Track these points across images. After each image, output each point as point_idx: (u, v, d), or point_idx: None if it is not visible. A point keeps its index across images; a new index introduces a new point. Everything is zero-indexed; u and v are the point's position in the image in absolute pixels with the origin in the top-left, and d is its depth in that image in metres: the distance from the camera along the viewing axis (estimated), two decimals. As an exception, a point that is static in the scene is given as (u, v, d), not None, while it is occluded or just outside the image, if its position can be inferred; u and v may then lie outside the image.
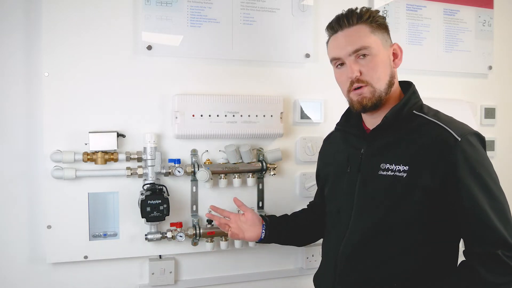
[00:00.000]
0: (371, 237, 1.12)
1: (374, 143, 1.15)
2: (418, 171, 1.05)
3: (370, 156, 1.15)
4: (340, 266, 1.17)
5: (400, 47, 1.16)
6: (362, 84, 1.11)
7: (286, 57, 1.64)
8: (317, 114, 1.69)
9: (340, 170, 1.23)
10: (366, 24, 1.12)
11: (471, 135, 1.05)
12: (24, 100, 1.44)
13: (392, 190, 1.08)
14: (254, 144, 1.62)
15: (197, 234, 1.52)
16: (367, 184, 1.13)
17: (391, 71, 1.13)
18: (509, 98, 2.05)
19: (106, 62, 1.46)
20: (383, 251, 1.10)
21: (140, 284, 1.56)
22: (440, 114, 1.13)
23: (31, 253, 1.47)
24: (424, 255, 1.08)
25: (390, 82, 1.13)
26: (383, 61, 1.12)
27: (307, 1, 1.66)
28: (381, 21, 1.14)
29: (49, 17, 1.41)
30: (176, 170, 1.49)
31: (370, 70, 1.11)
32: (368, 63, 1.11)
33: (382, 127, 1.13)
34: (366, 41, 1.11)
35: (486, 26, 1.96)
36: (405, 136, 1.10)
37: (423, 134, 1.07)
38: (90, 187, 1.47)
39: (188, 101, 1.50)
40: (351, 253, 1.15)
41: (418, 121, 1.10)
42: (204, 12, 1.54)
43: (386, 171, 1.09)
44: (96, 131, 1.44)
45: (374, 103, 1.12)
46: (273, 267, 1.71)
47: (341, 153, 1.25)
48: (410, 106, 1.12)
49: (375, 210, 1.11)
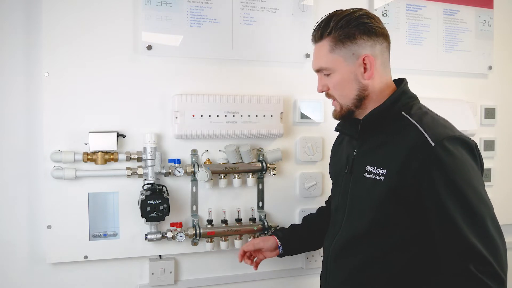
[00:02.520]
0: (355, 238, 1.13)
1: (364, 145, 1.15)
2: (393, 176, 1.03)
3: (360, 157, 1.15)
4: (331, 264, 1.20)
5: (372, 57, 1.09)
6: (331, 98, 1.17)
7: (286, 57, 1.64)
8: (317, 114, 1.69)
9: (340, 169, 1.25)
10: (328, 40, 1.10)
11: (450, 139, 0.99)
12: (24, 100, 1.44)
13: (372, 193, 1.08)
14: (254, 144, 1.62)
15: (197, 234, 1.52)
16: (356, 185, 1.15)
17: (360, 85, 1.10)
18: (509, 98, 2.05)
19: (106, 62, 1.46)
20: (365, 253, 1.11)
21: (140, 284, 1.56)
22: (427, 116, 1.08)
23: (31, 253, 1.47)
24: (403, 260, 1.06)
25: (359, 96, 1.11)
26: (346, 79, 1.11)
27: (307, 1, 1.66)
28: (346, 32, 1.08)
29: (49, 17, 1.41)
30: (176, 170, 1.49)
31: (334, 89, 1.14)
32: (331, 81, 1.13)
33: (362, 130, 1.13)
34: (325, 61, 1.12)
35: (486, 26, 1.96)
36: (389, 139, 1.09)
37: (402, 137, 1.05)
38: (90, 187, 1.47)
39: (188, 101, 1.50)
40: (339, 252, 1.17)
41: (402, 123, 1.08)
42: (204, 12, 1.54)
43: (369, 173, 1.09)
44: (96, 131, 1.44)
45: (343, 115, 1.16)
46: (273, 267, 1.71)
47: (343, 152, 1.26)
48: (399, 106, 1.10)
49: (360, 212, 1.12)
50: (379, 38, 1.11)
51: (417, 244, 1.05)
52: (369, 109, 1.12)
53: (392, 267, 1.07)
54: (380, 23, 1.12)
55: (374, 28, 1.09)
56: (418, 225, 1.03)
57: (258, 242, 1.42)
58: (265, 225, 1.59)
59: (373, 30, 1.09)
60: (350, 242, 1.14)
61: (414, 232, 1.04)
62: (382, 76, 1.13)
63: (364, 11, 1.12)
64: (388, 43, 1.14)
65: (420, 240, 1.04)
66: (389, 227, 1.06)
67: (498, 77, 2.02)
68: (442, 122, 1.08)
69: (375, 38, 1.10)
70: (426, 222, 1.01)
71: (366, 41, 1.09)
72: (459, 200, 0.96)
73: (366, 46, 1.09)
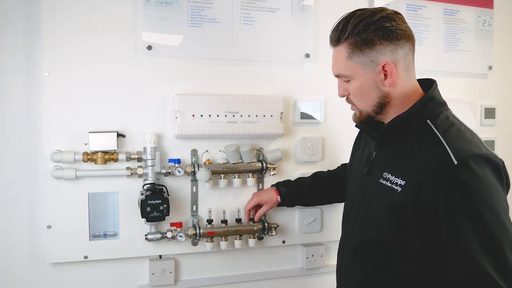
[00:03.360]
0: (367, 242, 1.11)
1: (384, 149, 1.11)
2: (411, 189, 0.99)
3: (379, 160, 1.12)
4: (345, 265, 1.18)
5: (392, 65, 1.03)
6: (351, 103, 1.13)
7: (286, 57, 1.64)
8: (317, 114, 1.69)
9: (359, 168, 1.22)
10: (345, 46, 1.04)
11: (474, 158, 0.93)
12: (24, 100, 1.44)
13: (386, 201, 1.04)
14: (254, 144, 1.62)
15: (197, 234, 1.51)
16: (372, 189, 1.11)
17: (381, 92, 1.05)
18: (509, 98, 2.05)
19: (106, 62, 1.46)
20: (374, 259, 1.09)
21: (140, 284, 1.56)
22: (452, 129, 1.01)
23: (31, 253, 1.47)
24: (411, 274, 1.03)
25: (379, 104, 1.06)
26: (365, 87, 1.05)
27: (307, 1, 1.65)
28: (364, 38, 1.02)
29: (49, 17, 1.41)
30: (176, 170, 1.49)
31: (353, 96, 1.10)
32: (350, 87, 1.08)
33: (384, 135, 1.09)
34: (342, 68, 1.07)
35: (486, 26, 1.96)
36: (410, 148, 1.04)
37: (425, 150, 1.00)
38: (90, 187, 1.47)
39: (188, 101, 1.50)
40: (352, 254, 1.15)
41: (427, 133, 1.02)
42: (204, 12, 1.54)
43: (386, 180, 1.05)
44: (96, 131, 1.44)
45: (362, 120, 1.12)
46: (273, 267, 1.71)
47: (364, 150, 1.23)
48: (425, 114, 1.04)
49: (373, 217, 1.10)
50: (401, 41, 1.03)
51: (428, 259, 1.00)
52: (391, 115, 1.08)
53: (398, 279, 1.04)
54: (402, 24, 1.04)
55: (396, 31, 1.02)
56: (430, 241, 0.99)
57: (261, 197, 1.54)
58: (265, 225, 1.59)
59: (394, 34, 1.02)
60: (363, 245, 1.12)
61: (426, 247, 1.00)
62: (405, 80, 1.06)
63: (384, 12, 1.03)
64: (412, 44, 1.07)
65: (432, 256, 1.00)
66: (400, 237, 1.03)
67: (498, 77, 2.02)
68: (469, 136, 1.01)
69: (396, 42, 1.02)
70: (439, 240, 0.96)
71: (386, 47, 1.02)
72: (476, 223, 0.91)
73: (386, 52, 1.02)
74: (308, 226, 1.69)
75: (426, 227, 0.98)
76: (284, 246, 1.70)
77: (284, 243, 1.69)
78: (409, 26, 1.06)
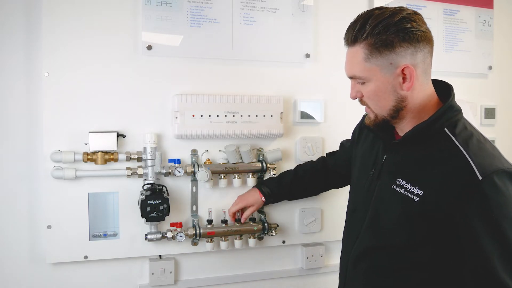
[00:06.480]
0: (375, 247, 1.09)
1: (398, 154, 1.08)
2: (430, 200, 0.96)
3: (391, 164, 1.08)
4: (350, 269, 1.16)
5: (412, 68, 0.98)
6: (365, 105, 1.08)
7: (286, 57, 1.64)
8: (317, 114, 1.69)
9: (364, 167, 1.18)
10: (363, 47, 0.99)
11: (499, 174, 0.91)
12: (24, 100, 1.44)
13: (400, 209, 1.01)
14: (254, 144, 1.62)
15: (197, 234, 1.51)
16: (382, 194, 1.08)
17: (398, 96, 1.00)
18: (509, 98, 2.05)
19: (106, 62, 1.46)
20: (381, 266, 1.07)
21: (140, 284, 1.56)
22: (472, 140, 0.98)
23: (31, 253, 1.47)
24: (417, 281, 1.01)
25: (396, 108, 1.02)
26: (382, 90, 1.01)
27: (307, 1, 1.65)
28: (383, 40, 0.97)
29: (49, 17, 1.41)
30: (176, 170, 1.49)
31: (368, 99, 1.05)
32: (365, 89, 1.03)
33: (403, 142, 1.05)
34: (358, 70, 1.01)
35: (486, 26, 1.96)
36: (429, 157, 1.00)
37: (446, 161, 0.96)
38: (90, 187, 1.47)
39: (188, 101, 1.50)
40: (358, 258, 1.13)
41: (446, 142, 0.98)
42: (204, 12, 1.54)
43: (400, 187, 1.02)
44: (96, 131, 1.44)
45: (377, 124, 1.07)
46: (273, 267, 1.71)
47: (370, 150, 1.19)
48: (442, 122, 1.00)
49: (383, 223, 1.07)
50: (421, 43, 0.98)
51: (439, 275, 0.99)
52: (406, 119, 1.04)
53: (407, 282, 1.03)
54: (422, 25, 0.99)
55: (416, 33, 0.97)
56: (442, 251, 0.97)
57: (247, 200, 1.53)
58: (265, 225, 1.59)
59: (415, 36, 0.97)
60: (370, 251, 1.10)
61: (438, 261, 0.98)
62: (423, 84, 1.02)
63: (405, 12, 0.98)
64: (431, 46, 1.02)
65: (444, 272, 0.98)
66: (410, 244, 1.01)
67: (498, 77, 2.02)
68: (490, 149, 0.98)
69: (417, 45, 0.98)
70: (452, 250, 0.95)
71: (406, 49, 0.97)
72: (497, 237, 0.90)
73: (406, 54, 0.97)
74: (308, 226, 1.69)
75: (440, 238, 0.96)
76: (284, 246, 1.70)
77: (284, 243, 1.69)
78: (428, 27, 1.02)
